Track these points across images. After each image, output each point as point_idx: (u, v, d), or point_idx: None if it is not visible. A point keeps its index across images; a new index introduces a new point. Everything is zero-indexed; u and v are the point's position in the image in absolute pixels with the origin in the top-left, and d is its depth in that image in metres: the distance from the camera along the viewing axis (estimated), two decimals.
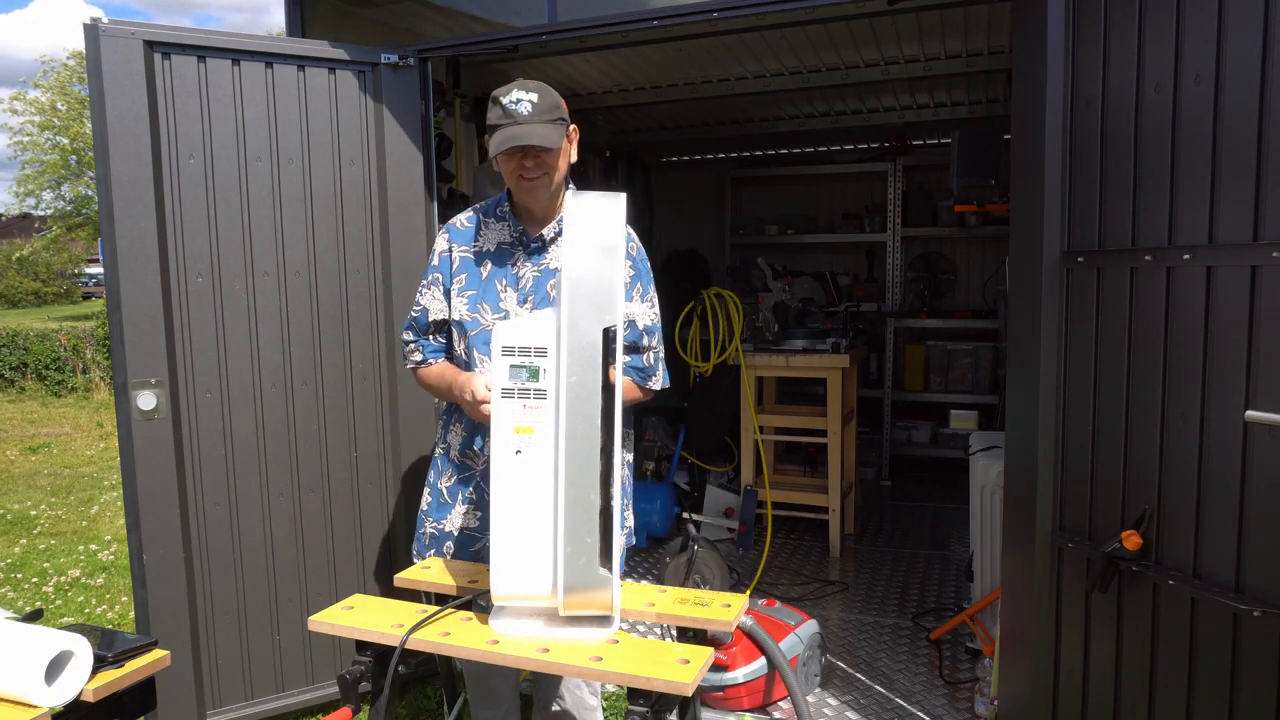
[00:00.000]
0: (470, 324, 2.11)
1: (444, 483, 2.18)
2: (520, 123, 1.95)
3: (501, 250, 2.13)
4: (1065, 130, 2.14)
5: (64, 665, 1.37)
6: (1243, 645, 1.78)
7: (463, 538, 2.15)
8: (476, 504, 2.14)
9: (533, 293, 2.10)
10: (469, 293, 2.12)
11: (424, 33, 3.57)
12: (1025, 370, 2.27)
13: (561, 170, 2.08)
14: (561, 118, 2.04)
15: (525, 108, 1.96)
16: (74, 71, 18.19)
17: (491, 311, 2.10)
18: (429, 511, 2.21)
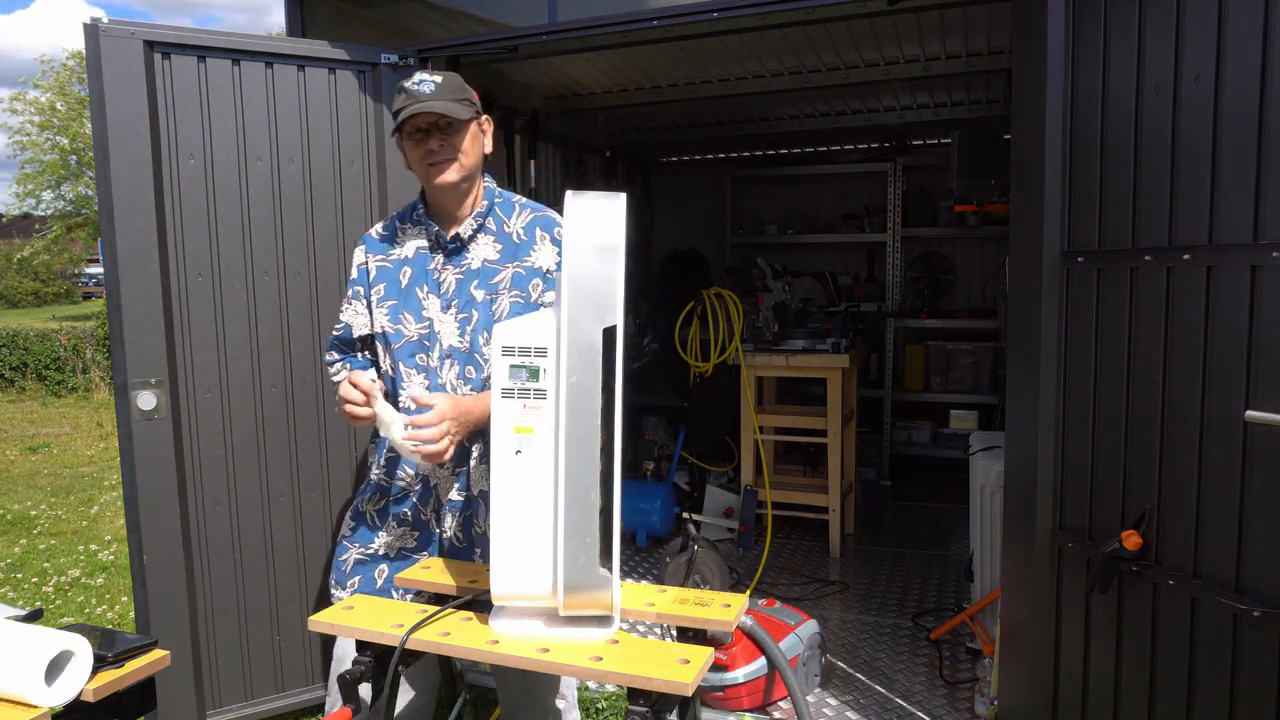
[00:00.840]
0: (393, 336, 2.04)
1: (371, 506, 2.10)
2: (422, 100, 1.90)
3: (420, 255, 2.06)
4: (1065, 130, 2.14)
5: (64, 665, 1.36)
6: (1243, 645, 1.78)
7: (400, 561, 2.08)
8: (413, 524, 2.08)
9: (456, 296, 2.02)
10: (389, 303, 2.05)
11: (424, 33, 3.57)
12: (1025, 370, 2.27)
13: (471, 157, 1.99)
14: (469, 100, 1.97)
15: (428, 87, 1.91)
16: (73, 72, 18.19)
17: (415, 321, 2.02)
18: (352, 537, 2.11)
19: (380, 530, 2.08)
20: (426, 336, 2.01)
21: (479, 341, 1.99)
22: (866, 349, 5.73)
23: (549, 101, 5.04)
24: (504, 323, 1.55)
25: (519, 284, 2.01)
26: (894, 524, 5.21)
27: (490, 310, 1.99)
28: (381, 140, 2.93)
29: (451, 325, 2.00)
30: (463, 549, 2.06)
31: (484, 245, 2.03)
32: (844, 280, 6.63)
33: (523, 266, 2.02)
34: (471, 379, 2.01)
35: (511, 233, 2.05)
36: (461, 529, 2.05)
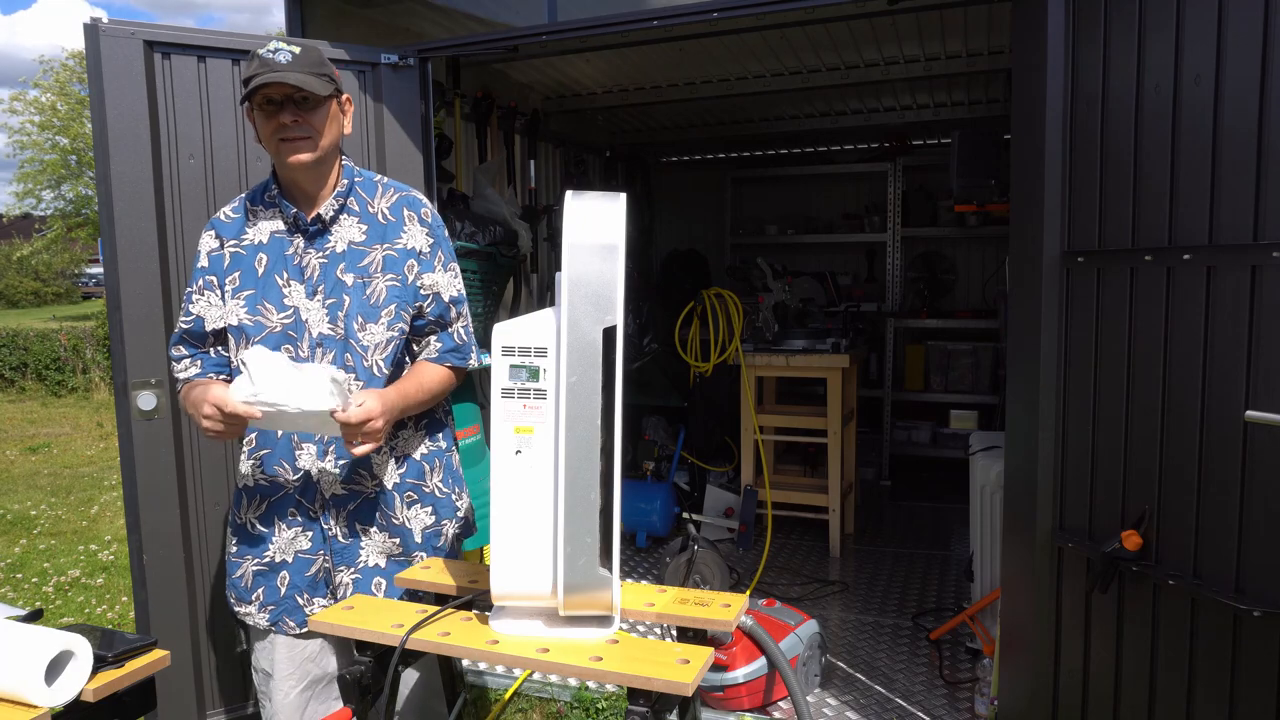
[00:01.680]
0: (253, 328, 1.85)
1: (250, 514, 1.93)
2: (277, 69, 1.73)
3: (276, 240, 1.89)
4: (1065, 130, 2.14)
5: (64, 665, 1.36)
6: (1243, 645, 1.78)
7: (299, 563, 1.93)
8: (304, 524, 1.92)
9: (322, 280, 1.86)
10: (246, 293, 1.87)
11: (424, 33, 3.57)
12: (1025, 370, 2.27)
13: (329, 137, 1.82)
14: (329, 76, 1.81)
15: (284, 56, 1.75)
16: (73, 72, 18.21)
17: (276, 310, 1.86)
18: (241, 551, 1.95)
19: (270, 535, 1.93)
20: (292, 326, 1.86)
21: (354, 328, 1.86)
22: (866, 349, 5.73)
23: (549, 101, 5.04)
24: (504, 323, 1.54)
25: (392, 267, 1.89)
26: (894, 524, 5.21)
27: (364, 294, 1.87)
28: (381, 140, 2.93)
29: (319, 312, 1.86)
30: (348, 547, 1.94)
31: (348, 226, 1.90)
32: (844, 280, 6.63)
33: (394, 249, 1.90)
34: (351, 367, 1.86)
35: (376, 213, 1.93)
36: (347, 523, 1.93)
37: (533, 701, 3.14)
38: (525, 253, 4.12)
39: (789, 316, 4.98)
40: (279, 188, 1.90)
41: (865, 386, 5.96)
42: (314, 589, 1.95)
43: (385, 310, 1.88)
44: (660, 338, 5.40)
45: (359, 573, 1.95)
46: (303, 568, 1.94)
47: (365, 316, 1.87)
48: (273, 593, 1.95)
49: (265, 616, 1.95)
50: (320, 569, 1.95)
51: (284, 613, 1.94)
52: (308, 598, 1.94)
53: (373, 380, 1.88)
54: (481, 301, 3.57)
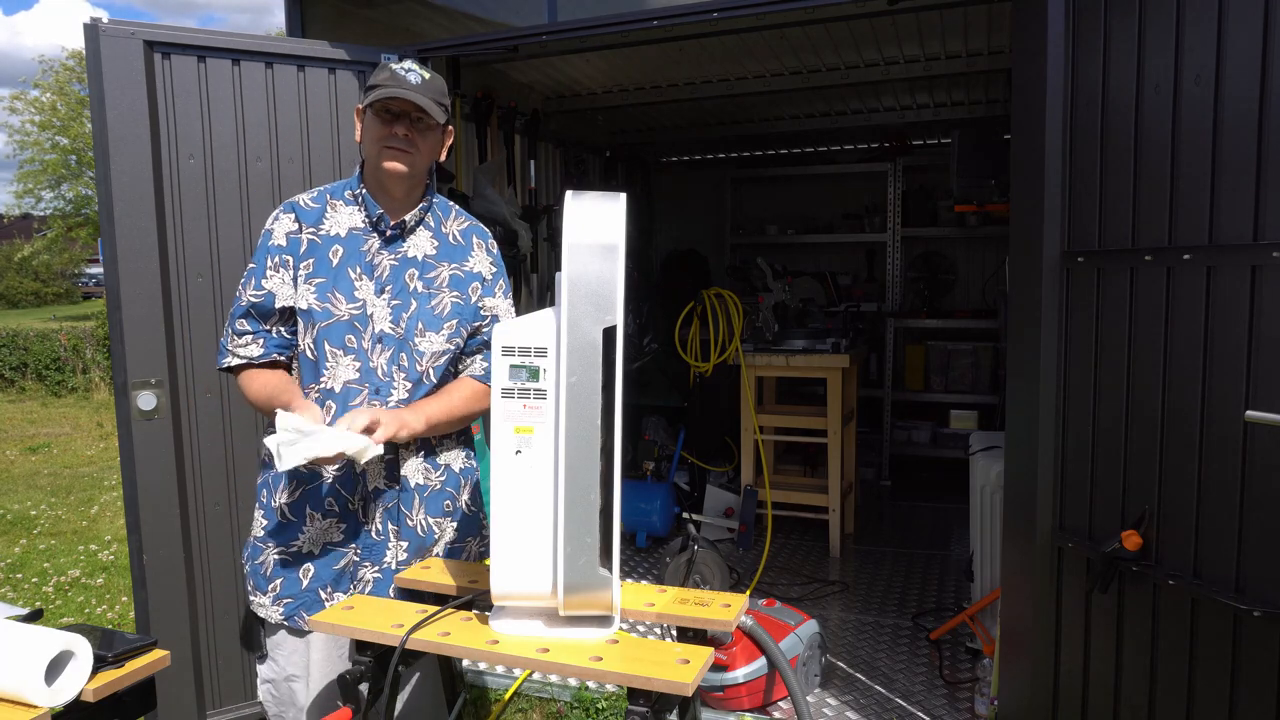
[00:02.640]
0: (320, 314, 1.90)
1: (282, 499, 1.93)
2: (407, 88, 1.84)
3: (353, 236, 1.95)
4: (1065, 130, 2.14)
5: (64, 665, 1.36)
6: (1243, 645, 1.78)
7: (328, 555, 1.93)
8: (340, 515, 1.92)
9: (390, 281, 1.94)
10: (317, 279, 1.91)
11: (424, 33, 3.57)
12: (1025, 370, 2.27)
13: (427, 158, 1.93)
14: (446, 107, 1.91)
15: (415, 77, 1.86)
16: (73, 72, 18.21)
17: (346, 301, 1.91)
18: (268, 537, 1.94)
19: (300, 525, 1.92)
20: (359, 318, 1.92)
21: (414, 331, 1.93)
22: (866, 349, 5.73)
23: (549, 101, 5.04)
24: (504, 323, 1.54)
25: (457, 285, 1.99)
26: (894, 524, 5.21)
27: (429, 304, 1.95)
28: None
29: (384, 310, 1.93)
30: (379, 543, 1.94)
31: (422, 239, 1.99)
32: (844, 280, 6.63)
33: (461, 270, 2.00)
34: (405, 367, 1.93)
35: (449, 234, 2.03)
36: (383, 520, 1.94)
37: (533, 701, 3.14)
38: (525, 253, 4.12)
39: (789, 316, 4.98)
40: (366, 189, 1.97)
41: (865, 386, 5.96)
42: (338, 584, 1.94)
43: (447, 323, 1.97)
44: (660, 338, 5.41)
45: (381, 572, 1.94)
46: (331, 561, 1.93)
47: (427, 324, 1.95)
48: (292, 585, 1.92)
49: (279, 610, 1.92)
50: (349, 563, 1.94)
51: (301, 606, 1.91)
52: (330, 592, 1.92)
53: (420, 385, 1.94)
54: None
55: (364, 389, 1.90)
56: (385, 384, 1.92)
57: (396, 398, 1.92)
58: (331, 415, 1.88)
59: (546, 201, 4.91)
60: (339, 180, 2.06)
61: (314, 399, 1.89)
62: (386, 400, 1.91)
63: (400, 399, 1.92)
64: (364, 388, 1.91)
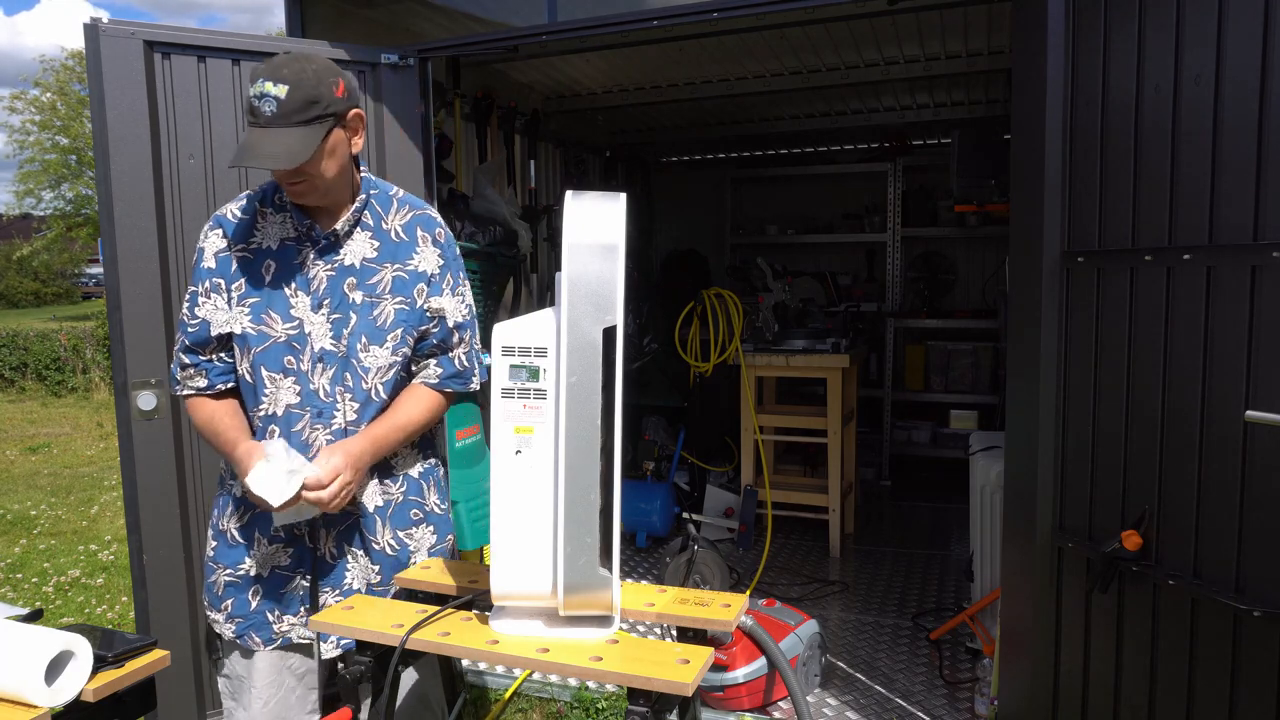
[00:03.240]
0: (255, 338, 1.79)
1: (231, 523, 1.88)
2: (262, 125, 1.64)
3: (286, 248, 1.82)
4: (1065, 130, 2.14)
5: (64, 665, 1.36)
6: (1243, 645, 1.78)
7: (274, 579, 1.87)
8: (285, 540, 1.86)
9: (328, 295, 1.81)
10: (251, 300, 1.80)
11: (424, 33, 3.57)
12: (1025, 370, 2.27)
13: (333, 171, 1.74)
14: (319, 116, 1.67)
15: (270, 106, 1.63)
16: (73, 71, 18.21)
17: (282, 320, 1.80)
18: (217, 557, 1.90)
19: (247, 549, 1.87)
20: (296, 338, 1.81)
21: (356, 347, 1.82)
22: (866, 349, 5.73)
23: (549, 101, 5.04)
24: (504, 323, 1.54)
25: (401, 289, 1.85)
26: (894, 524, 5.21)
27: (371, 315, 1.83)
28: (381, 141, 2.93)
29: (323, 326, 1.81)
30: (335, 566, 1.89)
31: (360, 242, 1.85)
32: (844, 280, 6.63)
33: (405, 270, 1.85)
34: (350, 386, 1.83)
35: (390, 230, 1.87)
36: (336, 544, 1.88)
37: (533, 701, 3.14)
38: (525, 253, 4.12)
39: (789, 316, 4.98)
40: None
41: (865, 386, 5.96)
42: (286, 606, 1.89)
43: (391, 334, 1.84)
44: (660, 338, 5.41)
45: (341, 595, 1.89)
46: (278, 584, 1.87)
47: (370, 338, 1.83)
48: (242, 606, 1.88)
49: (231, 628, 1.89)
50: (297, 587, 1.88)
51: (251, 628, 1.88)
52: (278, 615, 1.88)
53: (369, 404, 1.85)
54: (481, 301, 3.57)
55: (305, 413, 1.82)
56: (328, 405, 1.82)
57: (342, 419, 1.83)
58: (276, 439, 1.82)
59: (546, 201, 4.91)
60: (268, 181, 1.89)
61: (256, 423, 1.84)
62: (330, 423, 1.83)
63: (350, 420, 1.83)
64: (305, 411, 1.82)
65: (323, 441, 1.82)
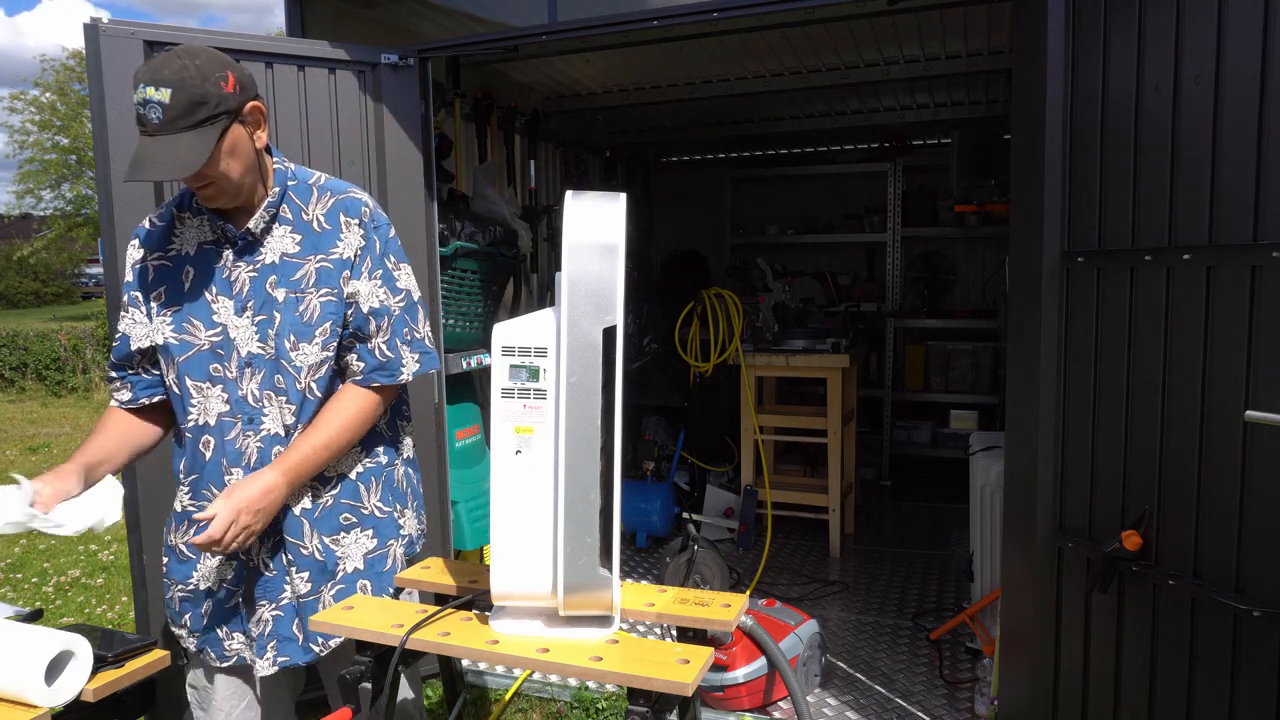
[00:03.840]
0: (178, 347, 1.74)
1: (178, 538, 1.83)
2: (151, 133, 1.57)
3: (205, 251, 1.77)
4: (1065, 130, 2.14)
5: (64, 665, 1.37)
6: (1243, 645, 1.78)
7: (220, 595, 1.82)
8: (229, 554, 1.77)
9: (251, 296, 1.75)
10: (172, 309, 1.75)
11: (424, 33, 3.57)
12: (1025, 370, 2.27)
13: (235, 172, 1.66)
14: (209, 117, 1.58)
15: (155, 113, 1.55)
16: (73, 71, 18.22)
17: (205, 327, 1.74)
18: (169, 573, 1.86)
19: (195, 563, 1.83)
20: (220, 344, 1.75)
21: (285, 347, 1.75)
22: (866, 349, 5.73)
23: (549, 101, 5.04)
24: (504, 323, 1.54)
25: (326, 280, 1.77)
26: (894, 524, 5.21)
27: (296, 311, 1.75)
28: (381, 140, 2.93)
29: (248, 330, 1.75)
30: (273, 579, 1.81)
31: (280, 237, 1.77)
32: (844, 280, 6.63)
33: (329, 260, 1.77)
34: (284, 389, 1.76)
35: (311, 220, 1.79)
36: (270, 554, 1.81)
37: (533, 701, 3.14)
38: (525, 253, 4.12)
39: (789, 316, 4.98)
40: None
41: (865, 386, 5.96)
42: (232, 623, 1.84)
43: (320, 329, 1.76)
44: (660, 338, 5.41)
45: (281, 609, 1.81)
46: (225, 599, 1.83)
47: (298, 335, 1.75)
48: (197, 620, 1.85)
49: (193, 642, 1.87)
50: (236, 603, 1.83)
51: (207, 644, 1.86)
52: (226, 631, 1.84)
53: (305, 404, 1.78)
54: (481, 301, 3.57)
55: (237, 420, 1.76)
56: (257, 410, 1.76)
57: (274, 424, 1.77)
58: (211, 450, 1.77)
59: (546, 201, 4.91)
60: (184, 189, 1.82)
61: (186, 435, 1.80)
62: (259, 429, 1.76)
63: (288, 423, 1.77)
64: (237, 419, 1.76)
65: (254, 449, 1.76)
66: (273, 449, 1.76)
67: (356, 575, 1.85)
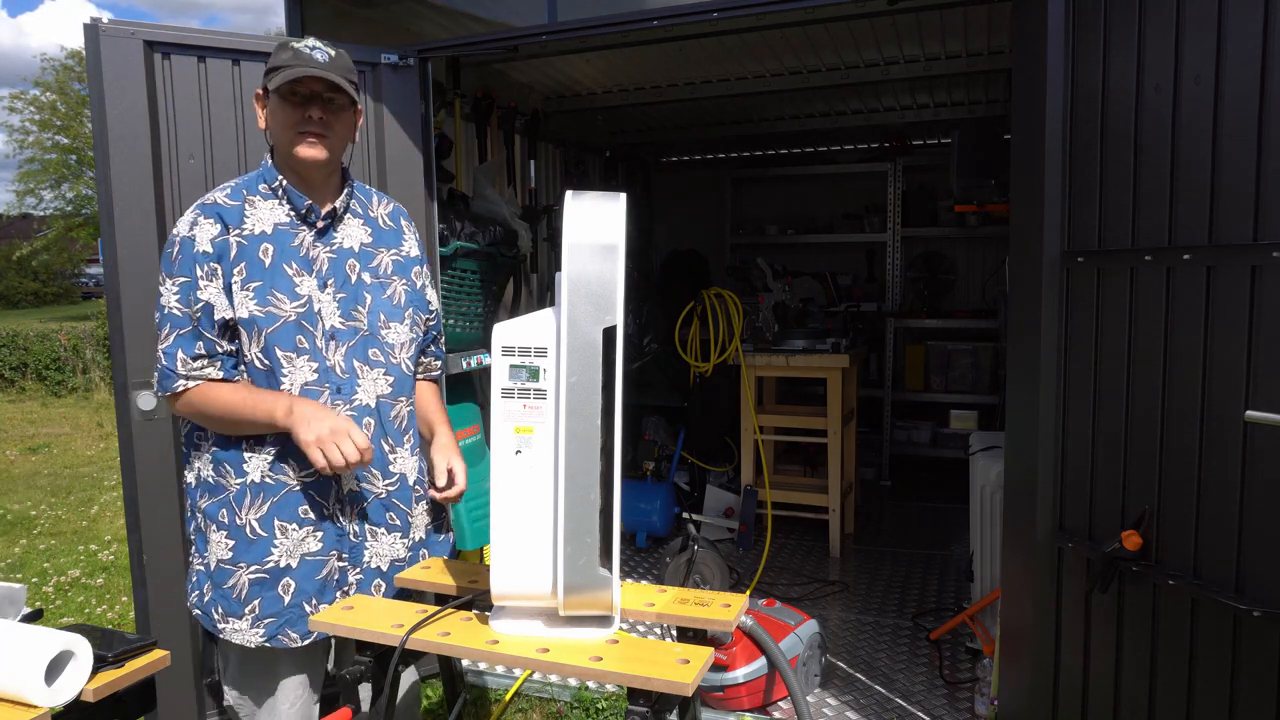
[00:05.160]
0: (264, 319, 1.78)
1: (249, 515, 1.81)
2: (317, 65, 1.74)
3: (281, 231, 1.83)
4: (1065, 130, 2.14)
5: (64, 665, 1.36)
6: (1243, 645, 1.78)
7: (307, 566, 1.82)
8: (315, 522, 1.82)
9: (331, 274, 1.85)
10: (254, 284, 1.79)
11: (424, 33, 3.57)
12: (1025, 370, 2.27)
13: (343, 140, 1.85)
14: (356, 85, 1.83)
15: (321, 55, 1.76)
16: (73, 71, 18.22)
17: (289, 300, 1.80)
18: (237, 558, 1.81)
19: (271, 539, 1.80)
20: (305, 316, 1.82)
21: (376, 324, 1.89)
22: (866, 349, 5.73)
23: (549, 101, 5.04)
24: (504, 323, 1.54)
25: (401, 271, 1.96)
26: (894, 524, 5.21)
27: (384, 295, 1.91)
28: (381, 140, 2.93)
29: (331, 305, 1.84)
30: (358, 545, 1.88)
31: (353, 226, 1.92)
32: (844, 280, 6.63)
33: (400, 255, 1.97)
34: (379, 362, 1.89)
35: (377, 218, 1.98)
36: (358, 521, 1.88)
37: (533, 701, 3.14)
38: (525, 253, 4.12)
39: (789, 316, 4.98)
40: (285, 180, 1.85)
41: (865, 386, 5.96)
42: (323, 593, 1.84)
43: (406, 312, 1.95)
44: (660, 338, 5.41)
45: (362, 573, 1.89)
46: (311, 571, 1.82)
47: (388, 315, 1.91)
48: (272, 603, 1.81)
49: (259, 632, 1.81)
50: (332, 570, 1.85)
51: (285, 624, 1.82)
52: (315, 604, 1.83)
53: (402, 378, 1.94)
54: (481, 301, 3.57)
55: (324, 390, 1.82)
56: (346, 381, 1.84)
57: (365, 395, 1.86)
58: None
59: (546, 201, 4.91)
60: (249, 174, 1.93)
61: None
62: (351, 399, 1.84)
63: (381, 394, 1.88)
64: (324, 388, 1.82)
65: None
66: (363, 419, 1.86)
67: (419, 545, 2.01)
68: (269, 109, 1.82)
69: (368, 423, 1.86)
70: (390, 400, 1.91)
